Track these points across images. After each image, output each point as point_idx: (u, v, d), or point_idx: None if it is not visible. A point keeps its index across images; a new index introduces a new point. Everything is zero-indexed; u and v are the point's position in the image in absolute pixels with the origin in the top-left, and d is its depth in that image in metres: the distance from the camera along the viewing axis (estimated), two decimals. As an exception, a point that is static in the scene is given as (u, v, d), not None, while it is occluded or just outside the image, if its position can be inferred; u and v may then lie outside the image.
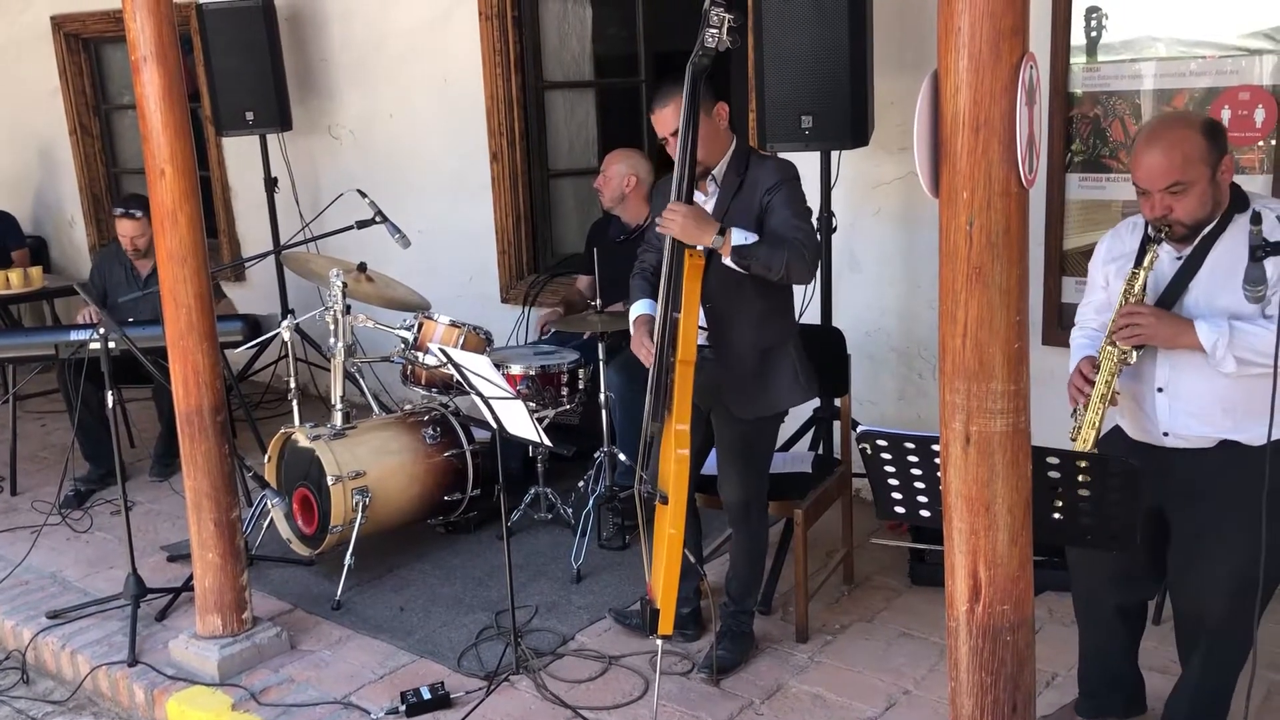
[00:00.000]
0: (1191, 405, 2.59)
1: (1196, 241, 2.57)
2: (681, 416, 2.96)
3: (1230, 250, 2.54)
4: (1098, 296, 2.81)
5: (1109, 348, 2.59)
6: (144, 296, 4.98)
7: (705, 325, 3.13)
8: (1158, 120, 2.65)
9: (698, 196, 3.18)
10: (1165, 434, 2.65)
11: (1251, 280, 2.34)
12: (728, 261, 2.98)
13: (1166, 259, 2.61)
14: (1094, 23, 3.72)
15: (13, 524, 4.77)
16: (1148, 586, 2.89)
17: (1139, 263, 2.61)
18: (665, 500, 2.97)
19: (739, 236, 2.95)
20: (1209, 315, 2.52)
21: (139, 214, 4.96)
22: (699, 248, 2.95)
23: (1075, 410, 2.66)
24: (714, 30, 2.71)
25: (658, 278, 3.32)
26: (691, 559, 3.22)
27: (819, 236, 4.10)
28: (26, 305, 7.21)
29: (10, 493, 5.13)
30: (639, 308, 3.32)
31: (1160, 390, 2.62)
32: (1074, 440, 2.63)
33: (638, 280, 3.40)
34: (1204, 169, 2.47)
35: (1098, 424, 2.60)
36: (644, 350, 3.17)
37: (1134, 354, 2.57)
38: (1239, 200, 2.58)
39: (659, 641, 3.07)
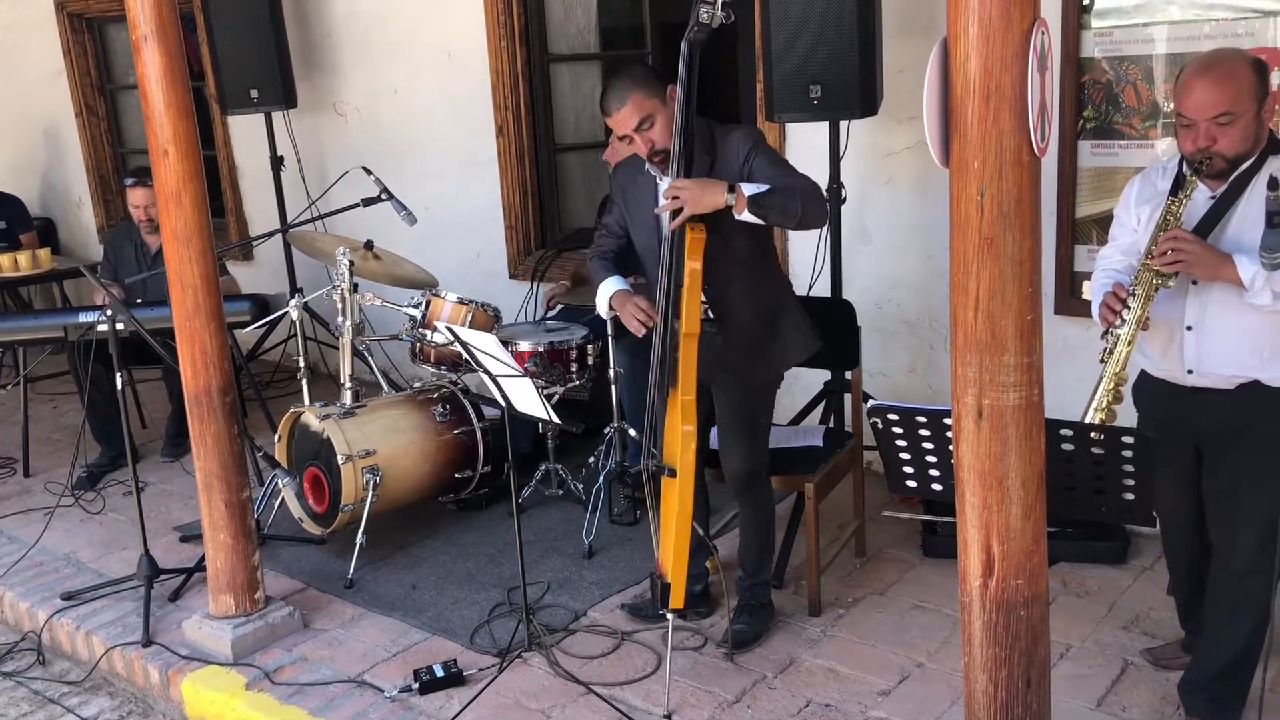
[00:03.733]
0: (1219, 344, 2.60)
1: (1230, 180, 2.57)
2: (687, 390, 2.94)
3: (1264, 192, 2.52)
4: (1126, 238, 2.80)
5: (1146, 273, 2.58)
6: (151, 277, 4.97)
7: (707, 310, 3.10)
8: (1208, 55, 2.66)
9: (667, 180, 3.10)
10: (1189, 371, 2.66)
11: (1269, 247, 2.33)
12: (746, 216, 2.89)
13: (1200, 197, 2.62)
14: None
15: (26, 506, 4.79)
16: None
17: (1175, 192, 2.60)
18: (673, 474, 2.96)
19: (750, 188, 2.90)
20: (1242, 252, 2.51)
21: (150, 183, 4.94)
22: (741, 217, 2.91)
23: (1106, 332, 2.65)
24: (708, 6, 2.68)
25: (618, 262, 3.31)
26: (700, 532, 3.21)
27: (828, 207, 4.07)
28: (36, 287, 7.22)
29: (23, 474, 5.16)
30: (611, 284, 3.24)
31: (1189, 329, 2.63)
32: (1103, 361, 2.61)
33: (598, 262, 3.33)
34: (1252, 103, 2.49)
35: (1128, 349, 2.59)
36: (636, 310, 3.11)
37: (1171, 279, 2.56)
38: (1274, 144, 2.59)
39: (670, 616, 3.06)
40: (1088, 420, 2.56)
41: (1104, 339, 2.65)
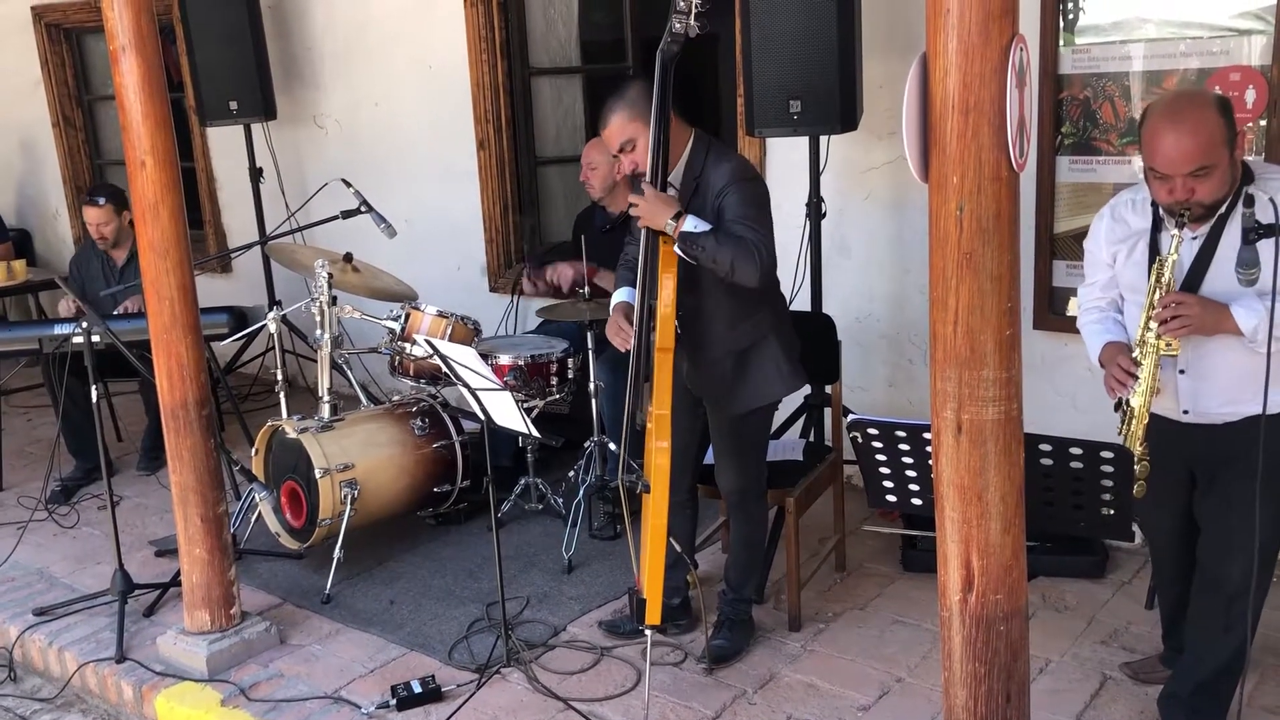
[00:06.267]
0: (1214, 385, 2.59)
1: (1213, 221, 2.54)
2: (661, 404, 2.92)
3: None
4: (1103, 275, 2.78)
5: (1151, 339, 2.54)
6: (123, 290, 4.93)
7: (679, 329, 3.09)
8: (1171, 102, 2.56)
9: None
10: (1185, 411, 2.65)
11: (1244, 263, 2.34)
12: (676, 249, 2.93)
13: (1184, 241, 2.58)
14: (1073, 4, 3.69)
15: (-1, 520, 4.74)
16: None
17: (1156, 246, 2.58)
18: (647, 489, 2.94)
19: (690, 223, 2.89)
20: (1230, 293, 2.47)
21: (102, 200, 4.95)
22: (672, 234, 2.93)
23: (1120, 403, 2.63)
24: (682, 15, 2.67)
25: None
26: (678, 549, 3.20)
27: (808, 225, 4.08)
28: (11, 299, 7.16)
29: (-4, 488, 5.11)
30: (618, 295, 3.29)
31: (1182, 372, 2.61)
32: (1123, 439, 2.58)
33: (621, 271, 3.37)
34: (1225, 150, 2.42)
35: (1146, 421, 2.58)
36: (617, 329, 3.14)
37: (1177, 344, 2.53)
38: (1247, 174, 2.54)
39: (648, 632, 3.05)
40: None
41: (1117, 411, 2.64)
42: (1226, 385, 2.57)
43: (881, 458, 2.41)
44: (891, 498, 2.48)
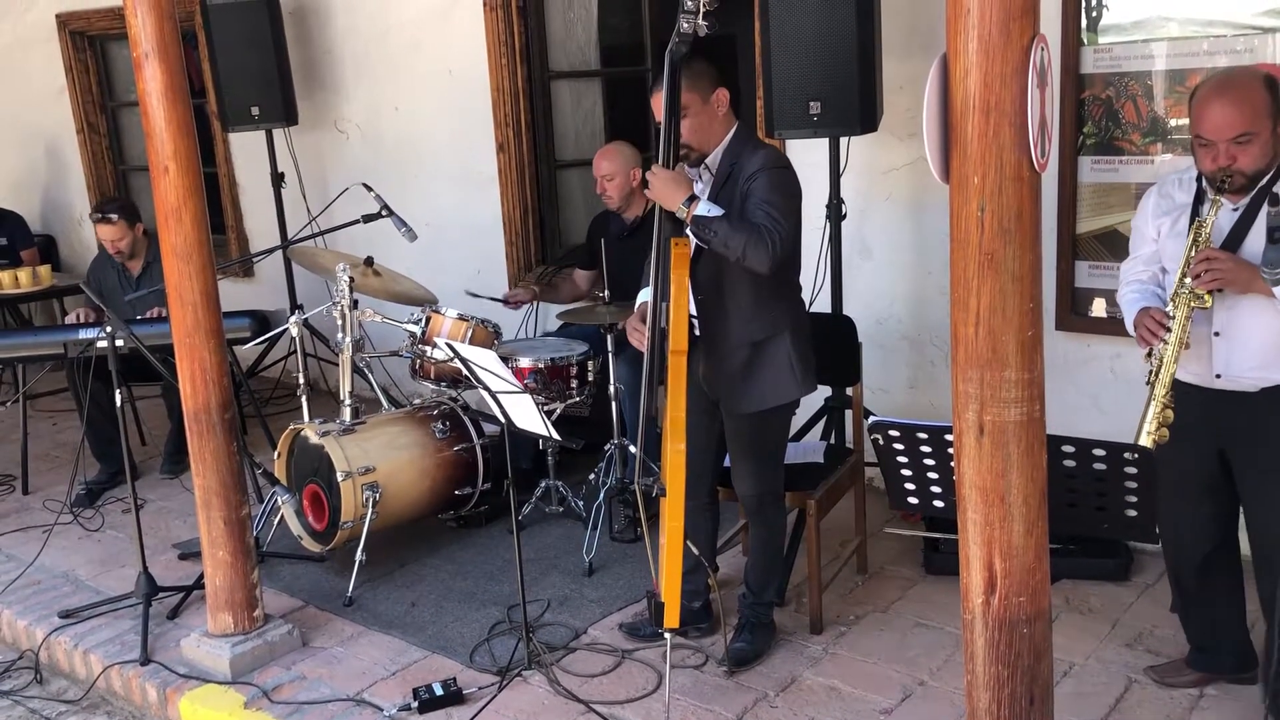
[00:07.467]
0: (1247, 347, 2.64)
1: (1253, 193, 2.61)
2: (676, 407, 2.92)
3: None
4: (1147, 249, 2.85)
5: (1183, 292, 2.61)
6: (148, 295, 4.96)
7: (695, 317, 3.10)
8: (1221, 75, 2.73)
9: (699, 185, 3.14)
10: (1218, 375, 2.69)
11: (1270, 262, 2.35)
12: (688, 232, 2.94)
13: (1223, 212, 2.66)
14: (1094, 3, 3.67)
15: (24, 523, 4.78)
16: (1227, 531, 2.92)
17: (1198, 206, 2.65)
18: (664, 493, 2.94)
19: (703, 208, 2.91)
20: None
21: (115, 217, 4.98)
22: (686, 234, 2.94)
23: (1150, 353, 2.69)
24: (690, 15, 2.67)
25: None
26: (695, 552, 3.19)
27: (828, 227, 4.07)
28: (37, 304, 7.22)
29: (22, 492, 5.14)
30: (643, 294, 3.30)
31: (1217, 334, 2.67)
32: (1149, 384, 2.65)
33: (647, 270, 3.37)
34: (1268, 121, 2.54)
35: (1174, 369, 2.63)
36: (633, 329, 3.17)
37: (1209, 298, 2.59)
38: None
39: (667, 635, 3.04)
40: (1140, 443, 2.56)
41: (1147, 360, 2.69)
42: (1259, 349, 2.62)
43: (903, 460, 2.40)
44: (913, 500, 2.47)
